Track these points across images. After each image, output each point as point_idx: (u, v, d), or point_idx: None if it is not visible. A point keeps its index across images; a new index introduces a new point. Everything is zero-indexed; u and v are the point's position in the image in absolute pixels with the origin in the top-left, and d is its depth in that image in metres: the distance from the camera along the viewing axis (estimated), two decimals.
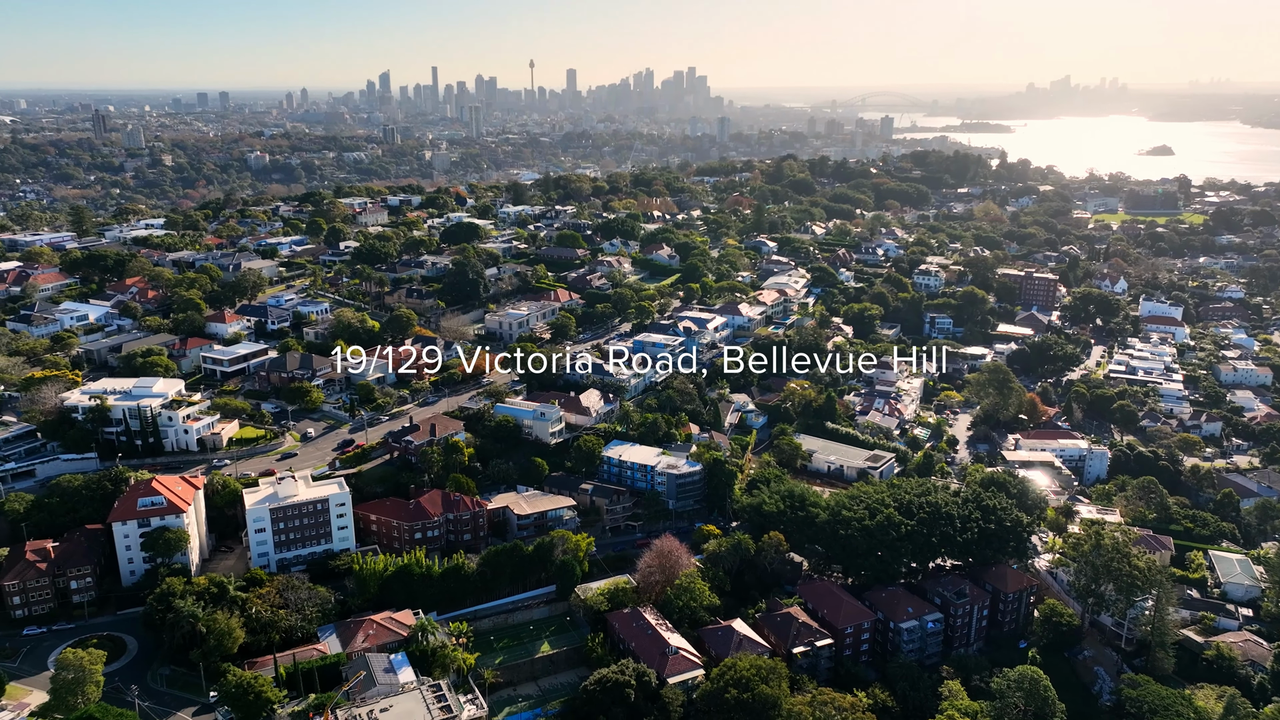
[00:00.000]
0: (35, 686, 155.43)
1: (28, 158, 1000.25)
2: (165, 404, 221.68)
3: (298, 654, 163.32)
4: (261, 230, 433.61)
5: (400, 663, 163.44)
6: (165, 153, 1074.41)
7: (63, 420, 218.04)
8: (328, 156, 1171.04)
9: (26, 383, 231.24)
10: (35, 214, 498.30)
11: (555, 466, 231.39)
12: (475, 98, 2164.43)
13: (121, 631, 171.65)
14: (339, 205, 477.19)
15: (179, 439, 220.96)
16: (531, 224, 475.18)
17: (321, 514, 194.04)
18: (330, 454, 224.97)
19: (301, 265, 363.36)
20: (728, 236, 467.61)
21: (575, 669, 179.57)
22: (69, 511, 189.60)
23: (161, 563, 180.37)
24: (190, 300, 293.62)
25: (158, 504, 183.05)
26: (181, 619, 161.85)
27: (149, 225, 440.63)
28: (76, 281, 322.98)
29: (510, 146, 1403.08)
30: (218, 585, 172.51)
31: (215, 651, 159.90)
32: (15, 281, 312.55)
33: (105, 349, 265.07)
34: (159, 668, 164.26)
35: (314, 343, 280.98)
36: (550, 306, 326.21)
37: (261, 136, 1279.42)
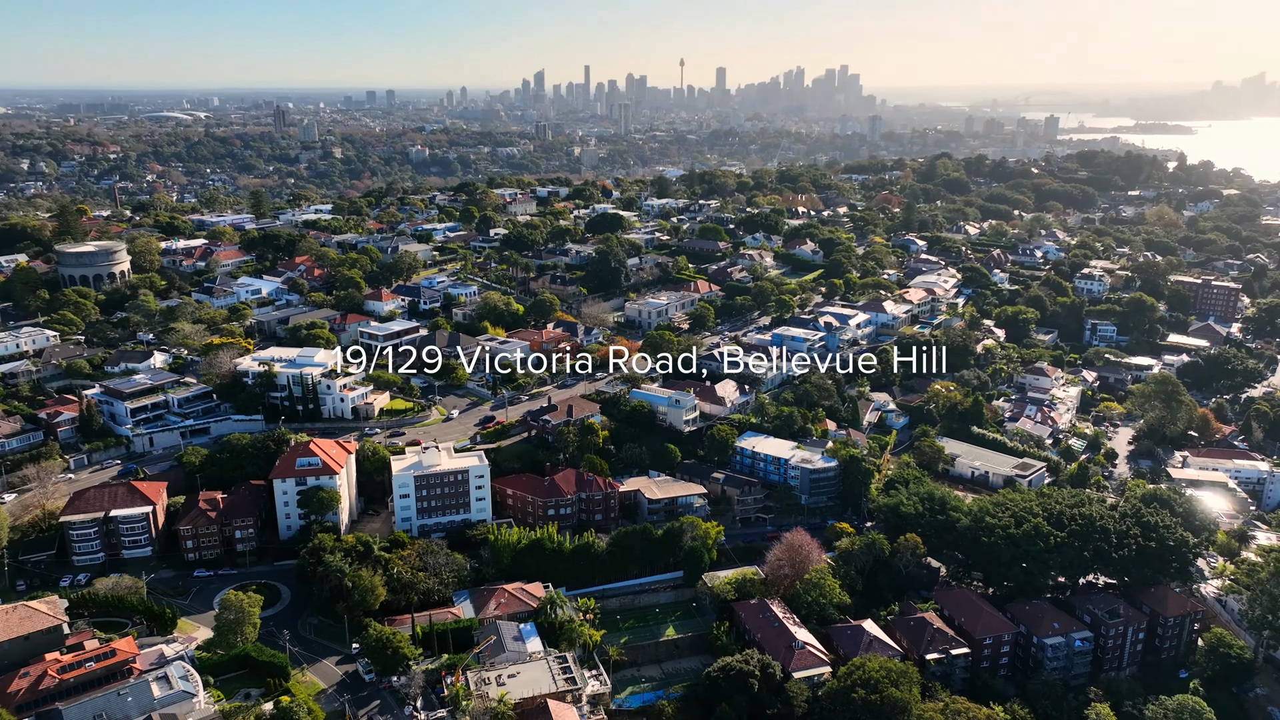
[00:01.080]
0: (202, 624, 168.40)
1: (217, 149, 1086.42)
2: (324, 373, 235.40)
3: (433, 615, 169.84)
4: (419, 217, 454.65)
5: (529, 632, 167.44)
6: (335, 146, 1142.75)
7: (235, 384, 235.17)
8: (482, 151, 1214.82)
9: (206, 349, 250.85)
10: (221, 198, 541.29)
11: (687, 454, 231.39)
12: (625, 96, 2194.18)
13: (277, 581, 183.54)
14: (491, 195, 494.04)
15: (335, 407, 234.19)
16: (675, 216, 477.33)
17: (462, 484, 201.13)
18: (472, 429, 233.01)
19: (454, 250, 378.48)
20: (874, 234, 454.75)
21: (699, 655, 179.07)
22: (237, 467, 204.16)
23: (314, 520, 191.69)
24: (351, 279, 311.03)
25: (314, 465, 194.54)
26: (330, 573, 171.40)
27: (318, 210, 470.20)
28: (253, 259, 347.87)
29: (657, 143, 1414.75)
30: (364, 544, 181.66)
31: (359, 606, 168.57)
32: (201, 257, 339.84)
33: (275, 321, 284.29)
34: (308, 617, 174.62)
35: (462, 323, 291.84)
36: (689, 297, 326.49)
37: (422, 132, 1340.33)
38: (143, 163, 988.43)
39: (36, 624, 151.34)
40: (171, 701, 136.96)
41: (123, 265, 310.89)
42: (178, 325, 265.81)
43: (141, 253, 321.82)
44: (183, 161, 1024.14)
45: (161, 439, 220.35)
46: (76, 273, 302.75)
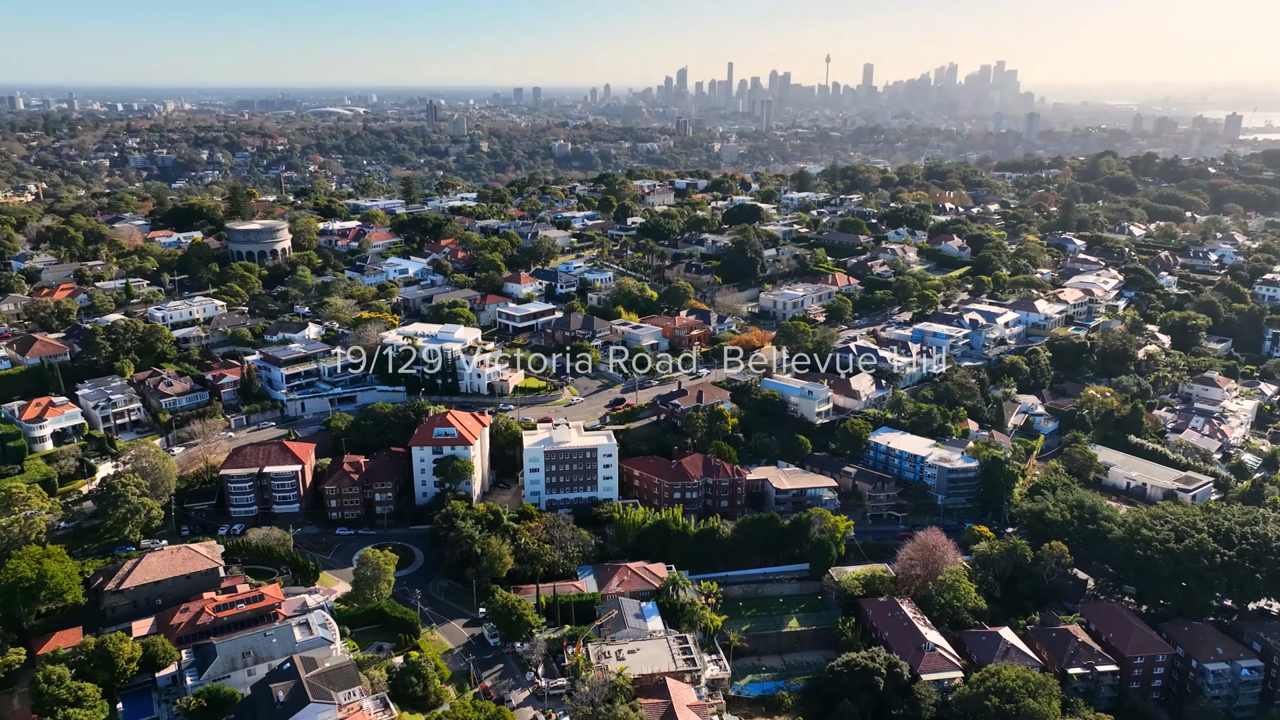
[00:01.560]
0: (341, 578, 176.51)
1: (373, 142, 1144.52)
2: (464, 349, 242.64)
3: (557, 587, 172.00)
4: (559, 205, 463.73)
5: (650, 611, 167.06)
6: (483, 140, 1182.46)
7: (381, 356, 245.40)
8: (623, 146, 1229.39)
9: (356, 322, 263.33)
10: (375, 185, 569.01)
11: (818, 446, 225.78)
12: (767, 93, 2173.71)
13: (411, 544, 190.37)
14: (630, 186, 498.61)
15: (472, 382, 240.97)
16: (814, 209, 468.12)
17: (590, 462, 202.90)
18: (602, 410, 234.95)
19: (591, 237, 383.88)
20: (1028, 233, 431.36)
21: (822, 650, 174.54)
22: (379, 434, 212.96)
23: (449, 488, 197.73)
24: (492, 261, 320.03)
25: (450, 434, 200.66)
26: (461, 539, 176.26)
27: (463, 198, 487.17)
28: (401, 241, 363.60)
29: (799, 140, 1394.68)
30: (494, 513, 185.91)
31: (487, 573, 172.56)
32: (355, 238, 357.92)
33: (419, 299, 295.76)
34: (439, 580, 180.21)
35: (596, 307, 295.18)
36: (827, 289, 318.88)
37: (565, 127, 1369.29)
38: (306, 154, 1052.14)
39: (197, 565, 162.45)
40: (311, 646, 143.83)
41: (284, 243, 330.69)
42: (331, 300, 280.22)
43: (301, 232, 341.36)
44: (342, 153, 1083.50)
45: (313, 405, 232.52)
46: (244, 249, 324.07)
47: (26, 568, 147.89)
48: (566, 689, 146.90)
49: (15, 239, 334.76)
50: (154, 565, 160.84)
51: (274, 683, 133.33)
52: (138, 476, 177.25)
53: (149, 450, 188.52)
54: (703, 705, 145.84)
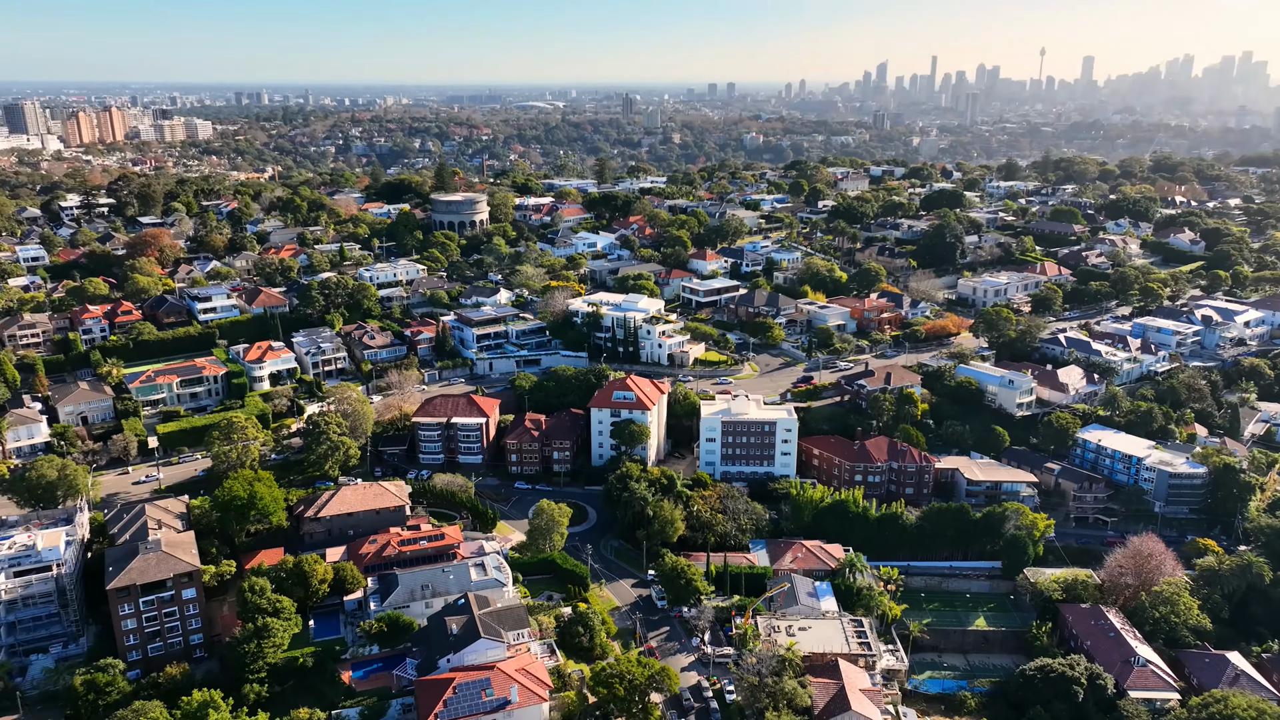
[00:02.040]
0: (517, 529, 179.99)
1: (571, 133, 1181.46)
2: (646, 319, 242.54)
3: (728, 557, 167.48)
4: (748, 189, 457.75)
5: (824, 591, 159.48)
6: (675, 132, 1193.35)
7: (566, 322, 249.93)
8: (816, 139, 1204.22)
9: (544, 290, 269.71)
10: (570, 165, 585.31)
11: (1017, 440, 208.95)
12: (973, 87, 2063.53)
13: (585, 503, 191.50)
14: (823, 171, 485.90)
15: (653, 351, 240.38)
16: (1023, 198, 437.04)
17: (768, 436, 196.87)
18: (784, 386, 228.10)
19: (779, 219, 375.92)
20: (1276, 229, 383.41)
21: (1011, 654, 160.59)
22: (560, 395, 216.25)
23: (624, 451, 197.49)
24: (678, 238, 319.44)
25: (628, 399, 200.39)
26: (634, 500, 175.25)
27: (653, 181, 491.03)
28: (592, 217, 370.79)
29: (1006, 135, 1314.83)
30: (668, 478, 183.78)
31: (658, 536, 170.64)
32: (548, 213, 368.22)
33: (605, 271, 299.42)
34: (610, 539, 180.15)
35: (782, 286, 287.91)
36: (1034, 279, 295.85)
37: (758, 119, 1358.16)
38: (508, 144, 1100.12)
39: (386, 502, 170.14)
40: (485, 587, 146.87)
41: (483, 215, 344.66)
42: (522, 268, 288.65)
43: (499, 205, 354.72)
44: (540, 144, 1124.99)
45: (500, 365, 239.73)
46: (445, 219, 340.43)
47: (240, 488, 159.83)
48: (733, 658, 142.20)
49: (252, 207, 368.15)
50: (348, 498, 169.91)
51: (448, 616, 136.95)
52: (339, 417, 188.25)
53: (351, 395, 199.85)
54: (876, 692, 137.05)
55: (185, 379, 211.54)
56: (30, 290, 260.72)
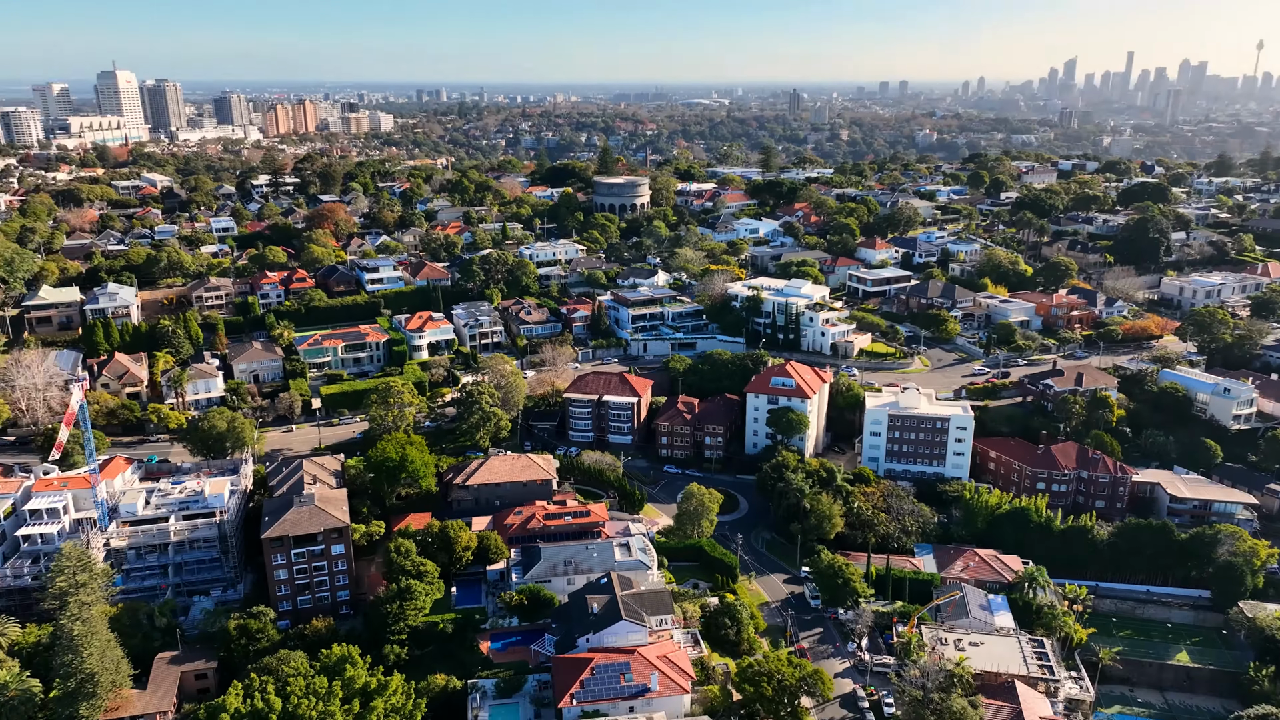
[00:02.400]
0: (664, 513, 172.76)
1: (735, 129, 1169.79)
2: (810, 305, 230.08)
3: (891, 560, 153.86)
4: (921, 181, 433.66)
5: (998, 605, 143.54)
6: (843, 128, 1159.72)
7: (724, 307, 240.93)
8: (995, 138, 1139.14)
9: (703, 273, 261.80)
10: (735, 155, 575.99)
11: (1232, 455, 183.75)
12: (1174, 84, 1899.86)
13: (737, 491, 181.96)
14: (1005, 163, 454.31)
15: (815, 340, 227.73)
16: (1239, 194, 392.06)
17: (940, 434, 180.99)
18: (959, 382, 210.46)
19: (957, 210, 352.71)
20: None
21: (1221, 697, 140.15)
22: (715, 380, 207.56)
23: (780, 440, 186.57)
24: (846, 225, 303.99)
25: (788, 385, 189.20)
26: (790, 491, 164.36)
27: (820, 172, 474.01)
28: (755, 204, 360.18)
29: (1212, 136, 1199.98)
30: (827, 471, 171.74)
31: (814, 530, 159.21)
32: (710, 199, 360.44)
33: (767, 257, 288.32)
34: (762, 531, 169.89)
35: (958, 277, 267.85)
36: (1254, 280, 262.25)
37: (932, 116, 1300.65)
38: (672, 139, 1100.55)
39: (534, 475, 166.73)
40: (629, 568, 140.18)
41: (644, 198, 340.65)
42: (681, 251, 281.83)
43: (661, 189, 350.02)
44: (704, 139, 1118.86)
45: (654, 347, 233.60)
46: (607, 201, 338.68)
47: (393, 450, 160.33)
48: (893, 668, 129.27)
49: (422, 188, 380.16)
50: (497, 468, 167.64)
51: (590, 594, 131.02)
52: (493, 388, 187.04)
53: (505, 368, 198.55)
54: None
55: (349, 344, 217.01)
56: (218, 257, 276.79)
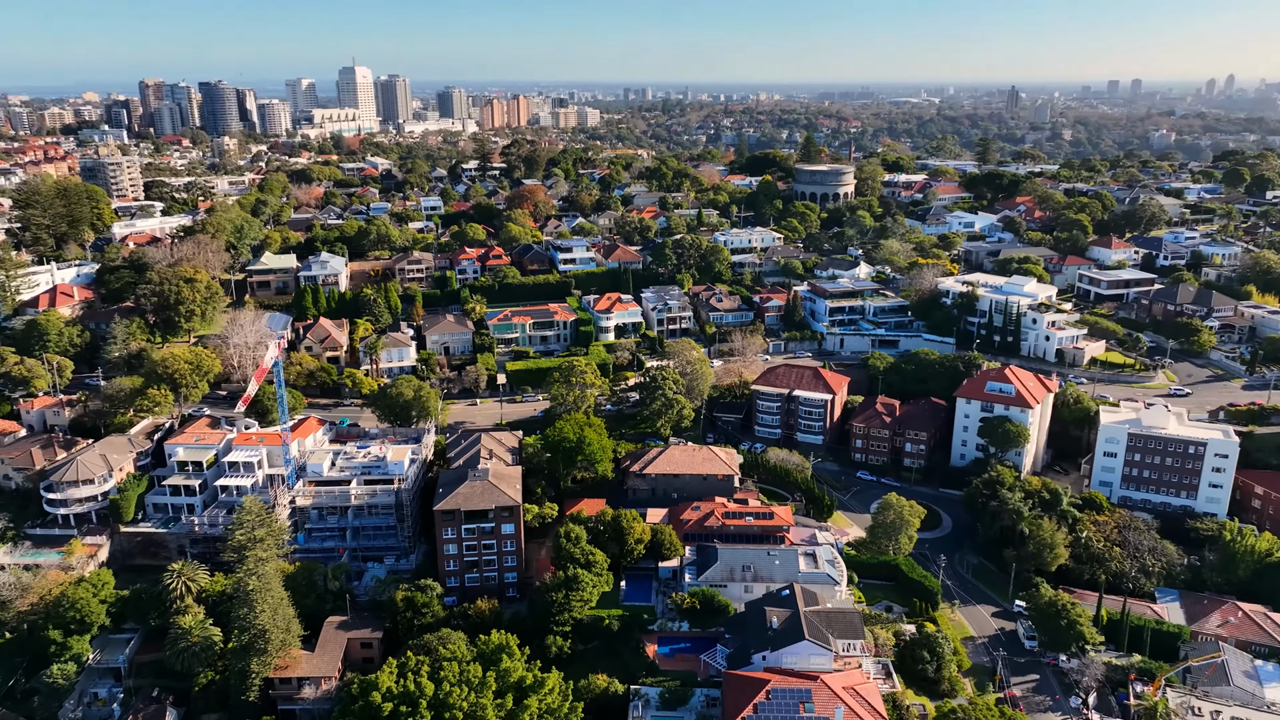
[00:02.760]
0: (855, 523, 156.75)
1: (945, 127, 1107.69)
2: (1033, 305, 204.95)
3: (1128, 604, 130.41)
4: (1164, 178, 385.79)
5: (1270, 675, 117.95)
6: (1065, 128, 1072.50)
7: (932, 303, 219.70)
8: (1246, 139, 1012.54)
9: (910, 266, 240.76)
10: (947, 146, 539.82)
11: None
12: None
13: (938, 506, 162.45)
14: (1271, 159, 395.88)
15: (1037, 344, 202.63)
16: None
17: (1192, 460, 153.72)
18: (1213, 401, 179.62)
19: (1210, 210, 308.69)
20: None
21: None
22: (920, 381, 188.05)
23: (994, 453, 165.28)
24: (1077, 222, 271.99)
25: (1006, 392, 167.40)
26: (1005, 512, 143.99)
27: (1043, 167, 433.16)
28: (970, 197, 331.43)
29: None
30: (1051, 492, 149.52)
31: (1031, 560, 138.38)
32: (919, 190, 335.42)
33: (983, 253, 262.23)
34: (968, 554, 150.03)
35: (1214, 283, 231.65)
36: None
37: (1171, 116, 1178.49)
38: (876, 136, 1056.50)
39: (715, 469, 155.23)
40: (814, 580, 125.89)
41: (847, 188, 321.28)
42: (886, 243, 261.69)
43: (866, 179, 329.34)
44: (911, 137, 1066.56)
45: (852, 342, 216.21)
46: (808, 189, 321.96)
47: (570, 431, 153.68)
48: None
49: (621, 174, 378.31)
50: (676, 458, 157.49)
51: (769, 606, 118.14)
52: (678, 374, 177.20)
53: (692, 354, 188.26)
54: None
55: (538, 322, 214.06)
56: (423, 233, 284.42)
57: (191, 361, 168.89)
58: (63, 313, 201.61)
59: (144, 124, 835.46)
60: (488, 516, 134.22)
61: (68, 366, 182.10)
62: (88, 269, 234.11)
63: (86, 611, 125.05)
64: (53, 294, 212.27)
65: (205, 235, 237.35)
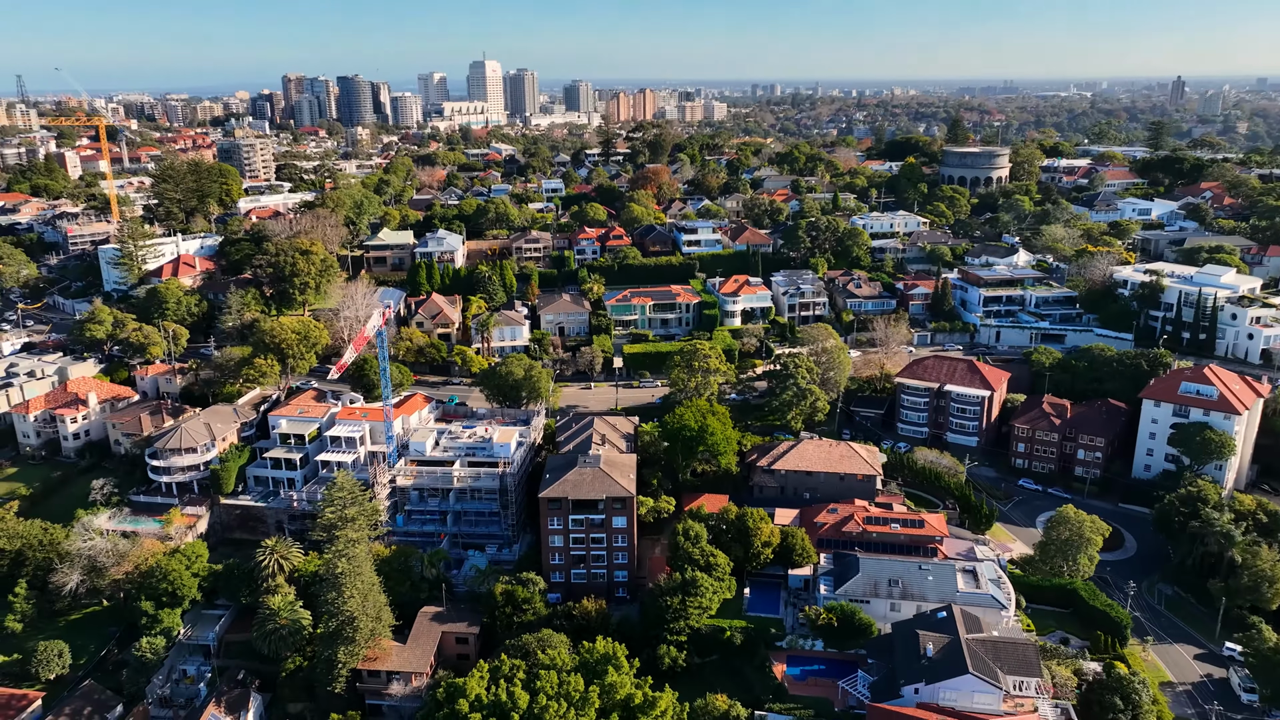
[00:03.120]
0: (1019, 537, 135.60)
1: (1098, 120, 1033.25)
2: (1233, 298, 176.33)
3: None
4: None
5: None
6: (1240, 121, 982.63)
7: (1106, 295, 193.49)
8: None
9: (1078, 254, 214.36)
10: (1110, 132, 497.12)
11: None
12: None
13: (1119, 524, 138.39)
14: None
15: (1237, 342, 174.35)
16: None
17: None
18: None
19: None
20: None
21: None
22: (1093, 380, 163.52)
23: (1189, 466, 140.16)
24: (1277, 209, 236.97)
25: (1206, 395, 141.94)
26: (1209, 535, 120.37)
27: (1225, 155, 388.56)
28: (1144, 183, 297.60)
29: None
30: (1270, 515, 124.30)
31: (1245, 594, 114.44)
32: (1084, 175, 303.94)
33: (1164, 241, 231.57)
34: (1159, 582, 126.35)
35: None
36: None
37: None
38: (1022, 130, 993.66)
39: (854, 468, 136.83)
40: (976, 602, 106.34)
41: (1001, 171, 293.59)
42: (1049, 229, 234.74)
43: (1023, 162, 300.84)
44: (1062, 131, 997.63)
45: (1009, 335, 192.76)
46: (956, 173, 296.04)
47: (692, 418, 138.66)
48: None
49: (750, 158, 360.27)
50: (809, 453, 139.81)
51: (922, 629, 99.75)
52: (812, 362, 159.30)
53: (829, 342, 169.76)
54: None
55: (659, 303, 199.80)
56: (543, 213, 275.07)
57: (299, 332, 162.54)
58: (184, 282, 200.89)
59: (285, 116, 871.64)
60: (598, 507, 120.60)
61: (184, 335, 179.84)
62: (211, 241, 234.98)
63: (179, 584, 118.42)
64: (176, 264, 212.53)
65: (325, 210, 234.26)
